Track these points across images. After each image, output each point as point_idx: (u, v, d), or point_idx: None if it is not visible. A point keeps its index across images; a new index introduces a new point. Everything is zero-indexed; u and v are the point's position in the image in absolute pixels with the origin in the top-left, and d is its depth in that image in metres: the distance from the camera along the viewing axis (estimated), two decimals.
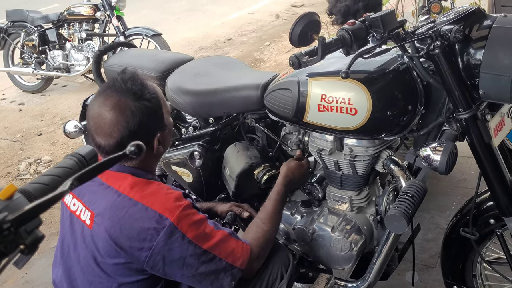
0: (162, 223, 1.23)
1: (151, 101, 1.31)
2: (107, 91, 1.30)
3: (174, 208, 1.26)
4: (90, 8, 4.88)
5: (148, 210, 1.25)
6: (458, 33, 1.31)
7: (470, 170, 2.78)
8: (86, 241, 1.30)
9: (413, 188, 1.46)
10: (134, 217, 1.24)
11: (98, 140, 1.29)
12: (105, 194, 1.29)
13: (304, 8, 7.75)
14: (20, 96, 5.32)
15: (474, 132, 1.40)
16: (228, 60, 2.20)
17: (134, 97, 1.28)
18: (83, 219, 1.32)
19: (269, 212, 1.56)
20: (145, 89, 1.32)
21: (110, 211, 1.26)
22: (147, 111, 1.29)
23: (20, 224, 0.59)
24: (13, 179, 3.61)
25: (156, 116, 1.33)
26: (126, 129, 1.26)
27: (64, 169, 0.76)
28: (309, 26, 1.29)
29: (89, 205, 1.31)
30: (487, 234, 1.59)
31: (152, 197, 1.27)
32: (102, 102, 1.29)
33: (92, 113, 1.30)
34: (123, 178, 1.30)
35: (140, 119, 1.27)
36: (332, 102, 1.52)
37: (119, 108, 1.27)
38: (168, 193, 1.30)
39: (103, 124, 1.27)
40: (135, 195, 1.27)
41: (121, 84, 1.30)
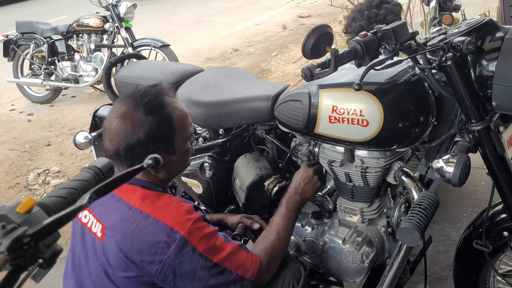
0: (173, 237, 1.23)
1: (160, 121, 1.29)
2: (126, 98, 1.32)
3: (185, 221, 1.26)
4: (99, 19, 4.92)
5: (159, 223, 1.24)
6: (470, 44, 1.31)
7: (481, 181, 2.76)
8: (97, 254, 1.30)
9: (426, 200, 1.45)
10: (145, 231, 1.24)
11: (105, 141, 1.32)
12: (116, 207, 1.29)
13: (311, 19, 7.78)
14: (29, 107, 5.36)
15: (487, 143, 1.40)
16: (237, 72, 2.21)
17: (144, 111, 1.28)
18: (94, 232, 1.32)
19: (278, 224, 1.55)
20: (160, 108, 1.30)
21: (121, 224, 1.26)
22: (150, 130, 1.27)
23: (40, 239, 0.60)
24: (22, 190, 3.63)
25: (161, 138, 1.30)
26: (123, 141, 1.27)
27: (81, 182, 0.77)
28: (321, 39, 1.29)
29: (100, 218, 1.31)
30: (501, 247, 1.57)
31: (163, 210, 1.27)
32: (117, 107, 1.31)
33: (108, 115, 1.33)
34: (133, 191, 1.30)
35: (139, 136, 1.27)
36: (343, 113, 1.52)
37: (125, 118, 1.28)
38: (179, 206, 1.29)
39: (109, 129, 1.30)
40: (146, 208, 1.27)
41: (139, 96, 1.30)
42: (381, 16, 1.92)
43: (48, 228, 0.60)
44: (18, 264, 0.58)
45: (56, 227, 0.61)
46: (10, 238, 0.57)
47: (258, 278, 1.36)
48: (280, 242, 1.50)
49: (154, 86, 1.36)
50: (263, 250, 1.43)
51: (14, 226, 0.60)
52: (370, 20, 1.94)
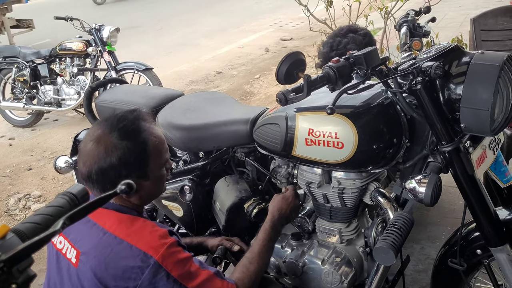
0: (146, 262, 1.22)
1: (134, 147, 1.29)
2: (102, 122, 1.34)
3: (158, 246, 1.25)
4: (82, 43, 4.94)
5: (133, 248, 1.24)
6: (438, 69, 1.36)
7: (459, 200, 2.80)
8: (72, 280, 1.29)
9: (400, 219, 1.48)
10: (119, 256, 1.24)
11: (79, 164, 1.33)
12: (91, 232, 1.29)
13: (293, 41, 7.91)
14: (10, 131, 5.32)
15: (457, 164, 1.44)
16: (217, 96, 2.25)
17: (118, 135, 1.29)
18: (69, 258, 1.31)
19: (255, 252, 1.55)
20: (136, 133, 1.31)
21: (96, 250, 1.26)
22: (123, 155, 1.27)
23: (13, 264, 0.61)
24: (2, 215, 3.58)
25: (136, 162, 1.30)
26: (96, 164, 1.27)
27: (56, 208, 0.78)
28: (294, 65, 1.34)
29: (74, 243, 1.31)
30: (475, 265, 1.61)
31: (137, 234, 1.26)
32: (93, 131, 1.33)
33: (84, 137, 1.35)
34: (108, 215, 1.30)
35: (112, 160, 1.27)
36: (319, 136, 1.55)
37: (99, 142, 1.29)
38: (153, 231, 1.29)
39: (83, 152, 1.31)
40: (120, 233, 1.26)
41: (115, 120, 1.31)
42: (342, 45, 1.99)
43: (21, 254, 0.61)
44: None
45: (30, 252, 0.62)
46: None
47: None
48: (257, 270, 1.50)
49: (132, 111, 1.37)
50: (239, 280, 1.42)
51: None
52: (332, 48, 2.01)
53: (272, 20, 9.81)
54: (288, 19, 9.67)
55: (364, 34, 1.86)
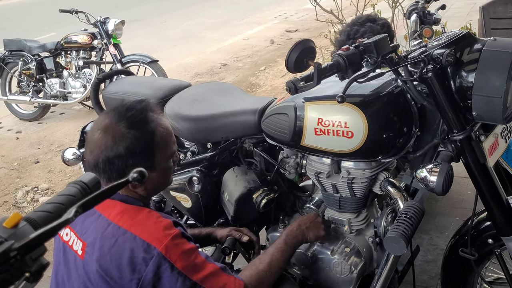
0: (150, 253, 1.20)
1: (143, 136, 1.28)
2: (110, 112, 1.32)
3: (162, 237, 1.22)
4: (87, 36, 4.94)
5: (137, 239, 1.22)
6: (449, 56, 1.35)
7: (467, 190, 2.80)
8: (79, 272, 1.28)
9: (411, 209, 1.47)
10: (123, 247, 1.22)
11: (86, 153, 1.32)
12: (96, 223, 1.28)
13: (298, 33, 7.87)
14: (17, 124, 5.34)
15: (469, 153, 1.43)
16: (224, 86, 2.24)
17: (126, 124, 1.27)
18: (75, 249, 1.30)
19: (272, 254, 1.51)
20: (143, 123, 1.29)
21: (100, 241, 1.24)
22: (131, 144, 1.26)
23: (26, 252, 0.60)
24: (10, 208, 3.59)
25: (143, 152, 1.29)
26: (103, 153, 1.26)
27: (67, 196, 0.77)
28: (304, 53, 1.32)
29: (81, 235, 1.30)
30: (486, 254, 1.60)
31: (141, 225, 1.25)
32: (101, 120, 1.31)
33: (91, 127, 1.34)
34: (113, 206, 1.28)
35: (119, 149, 1.25)
36: (328, 125, 1.54)
37: (106, 131, 1.27)
38: (157, 222, 1.26)
39: (90, 141, 1.30)
40: (124, 223, 1.25)
41: (123, 110, 1.30)
42: (359, 34, 1.96)
43: (34, 242, 0.61)
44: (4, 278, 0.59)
45: (42, 240, 0.62)
46: None
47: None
48: (269, 273, 1.45)
49: (140, 101, 1.35)
50: (248, 277, 1.39)
51: (1, 240, 0.60)
52: (349, 37, 1.98)
53: (277, 12, 9.76)
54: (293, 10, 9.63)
55: (383, 24, 1.83)
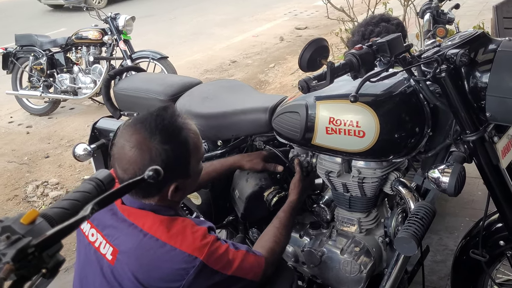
0: (192, 263, 1.23)
1: (178, 148, 1.26)
2: (137, 125, 1.26)
3: (202, 246, 1.26)
4: (98, 32, 4.96)
5: (177, 251, 1.24)
6: (464, 57, 1.34)
7: (478, 191, 2.78)
8: (107, 277, 1.28)
9: (422, 210, 1.46)
10: (162, 259, 1.23)
11: (116, 169, 1.27)
12: (129, 232, 1.27)
13: (308, 30, 7.84)
14: (28, 119, 5.37)
15: (482, 154, 1.42)
16: (235, 84, 2.24)
17: (160, 139, 1.23)
18: (103, 253, 1.30)
19: (282, 222, 1.61)
20: (175, 135, 1.27)
21: (136, 251, 1.25)
22: (168, 158, 1.24)
23: (44, 249, 0.61)
24: (20, 202, 3.63)
25: (179, 164, 1.28)
26: (140, 170, 1.22)
27: (83, 193, 0.78)
28: (317, 52, 1.31)
29: (111, 240, 1.29)
30: (497, 256, 1.59)
31: (179, 236, 1.26)
32: (129, 135, 1.25)
33: (118, 142, 1.27)
34: (145, 216, 1.28)
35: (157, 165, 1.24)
36: (340, 124, 1.54)
37: (141, 149, 1.23)
38: (195, 231, 1.28)
39: (122, 158, 1.25)
40: (161, 236, 1.25)
41: (153, 123, 1.25)
42: (374, 34, 1.95)
43: (51, 239, 0.62)
44: (22, 274, 0.60)
45: (59, 237, 0.63)
46: (14, 249, 0.58)
47: (263, 277, 1.41)
48: (284, 239, 1.58)
49: (165, 108, 1.32)
50: (268, 249, 1.48)
51: (19, 236, 0.61)
52: (364, 37, 1.97)
53: (287, 9, 9.72)
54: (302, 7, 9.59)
55: (397, 24, 1.81)
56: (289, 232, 1.64)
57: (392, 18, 1.90)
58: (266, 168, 1.84)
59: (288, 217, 1.64)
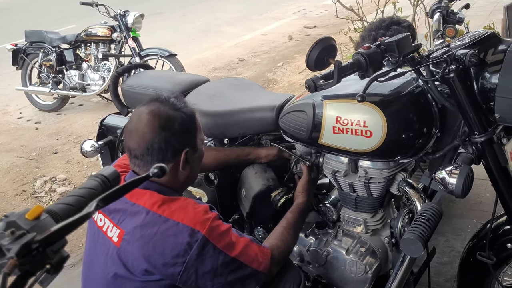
0: (195, 236, 1.26)
1: (188, 116, 1.38)
2: (150, 102, 1.38)
3: (204, 220, 1.29)
4: (107, 29, 4.98)
5: (180, 225, 1.27)
6: (473, 57, 1.32)
7: (486, 192, 2.76)
8: (113, 258, 1.31)
9: (429, 211, 1.46)
10: (166, 234, 1.26)
11: (130, 143, 1.34)
12: (133, 212, 1.31)
13: (317, 29, 7.82)
14: (37, 115, 5.41)
15: (490, 155, 1.40)
16: (243, 82, 2.24)
17: (172, 107, 1.36)
18: (110, 236, 1.33)
19: (290, 222, 1.61)
20: (185, 106, 1.39)
21: (141, 229, 1.28)
22: (183, 122, 1.35)
23: (48, 245, 0.61)
24: (28, 197, 3.65)
25: (190, 132, 1.38)
26: (158, 133, 1.30)
27: (88, 189, 0.78)
28: (325, 51, 1.31)
29: (117, 222, 1.33)
30: (505, 259, 1.57)
31: (181, 212, 1.30)
32: (143, 109, 1.36)
33: (132, 117, 1.38)
34: (149, 195, 1.32)
35: (174, 126, 1.33)
36: (347, 124, 1.53)
37: (157, 113, 1.33)
38: (196, 207, 1.32)
39: (138, 126, 1.32)
40: (164, 212, 1.29)
41: (164, 97, 1.38)
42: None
43: (56, 235, 0.62)
44: (26, 270, 0.60)
45: (64, 233, 0.63)
46: (19, 244, 0.59)
47: (270, 270, 1.40)
48: (291, 238, 1.58)
49: (172, 93, 1.44)
50: (274, 245, 1.48)
51: (23, 232, 0.61)
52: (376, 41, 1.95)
53: (296, 8, 9.71)
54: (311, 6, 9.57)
55: (408, 27, 1.80)
56: (297, 233, 1.63)
57: (402, 21, 1.89)
58: (282, 156, 1.89)
59: (297, 218, 1.64)
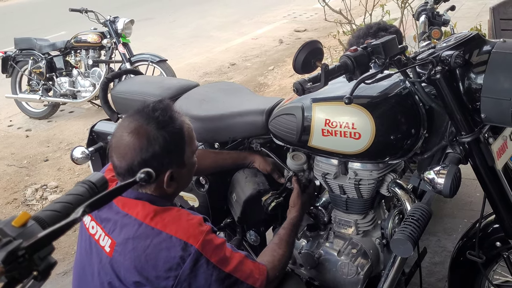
0: (187, 250, 1.24)
1: (173, 134, 1.31)
2: (135, 115, 1.32)
3: (197, 234, 1.27)
4: (97, 35, 4.97)
5: (173, 238, 1.25)
6: (458, 58, 1.34)
7: (476, 192, 2.78)
8: (105, 268, 1.29)
9: (418, 211, 1.47)
10: (159, 247, 1.24)
11: (113, 159, 1.31)
12: (125, 223, 1.29)
13: (307, 33, 7.86)
14: (27, 122, 5.38)
15: (477, 155, 1.42)
16: (232, 86, 2.24)
17: (156, 125, 1.29)
18: (102, 245, 1.31)
19: (283, 238, 1.59)
20: (171, 122, 1.32)
21: (134, 241, 1.26)
22: (165, 143, 1.28)
23: (34, 251, 0.61)
24: (19, 205, 3.63)
25: (175, 151, 1.32)
26: (138, 155, 1.26)
27: (75, 196, 0.78)
28: (312, 54, 1.32)
29: (108, 232, 1.31)
30: (494, 257, 1.59)
31: (174, 224, 1.27)
32: (126, 124, 1.31)
33: (116, 132, 1.33)
34: (141, 206, 1.30)
35: (155, 150, 1.27)
36: (336, 126, 1.54)
37: (138, 133, 1.27)
38: (190, 219, 1.30)
39: (120, 145, 1.29)
40: (157, 224, 1.27)
41: (149, 111, 1.31)
42: None
43: (42, 241, 0.62)
44: (13, 277, 0.60)
45: (51, 240, 0.63)
46: (5, 251, 0.58)
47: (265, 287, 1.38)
48: (285, 255, 1.55)
49: (161, 101, 1.38)
50: (269, 262, 1.46)
51: (9, 239, 0.61)
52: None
53: (286, 11, 9.76)
54: (302, 10, 9.62)
55: (395, 32, 1.81)
56: (291, 248, 1.61)
57: (389, 26, 1.90)
58: (273, 174, 1.88)
59: (289, 233, 1.63)
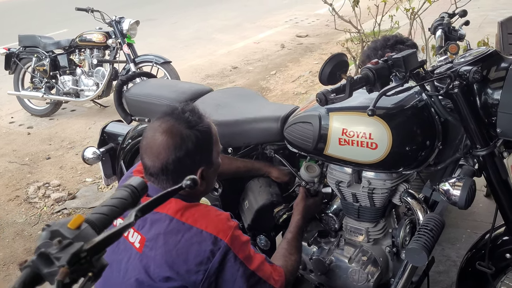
0: (217, 244, 1.28)
1: (203, 133, 1.38)
2: (165, 117, 1.38)
3: (227, 229, 1.31)
4: (102, 35, 4.98)
5: (203, 233, 1.29)
6: (476, 74, 1.37)
7: (479, 203, 2.82)
8: (134, 264, 1.32)
9: (432, 221, 1.50)
10: (190, 241, 1.28)
11: (146, 160, 1.35)
12: (155, 219, 1.32)
13: (309, 38, 7.90)
14: (29, 120, 5.38)
15: (491, 168, 1.45)
16: (247, 92, 2.27)
17: (187, 125, 1.35)
18: (131, 241, 1.34)
19: (292, 243, 1.64)
20: (200, 121, 1.39)
21: (165, 236, 1.29)
22: (197, 141, 1.35)
23: (95, 254, 0.64)
24: (22, 203, 3.63)
25: (205, 149, 1.39)
26: (173, 153, 1.32)
27: (120, 200, 0.81)
28: (337, 66, 1.35)
29: (138, 228, 1.34)
30: (503, 268, 1.62)
31: (204, 219, 1.32)
32: (158, 125, 1.36)
33: (147, 134, 1.38)
34: (169, 202, 1.32)
35: (188, 147, 1.33)
36: (353, 136, 1.57)
37: (171, 132, 1.33)
38: (218, 215, 1.35)
39: (153, 145, 1.34)
40: (188, 219, 1.31)
41: (179, 112, 1.38)
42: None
43: (101, 244, 0.64)
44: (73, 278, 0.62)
45: (108, 243, 0.65)
46: (68, 253, 0.61)
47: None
48: (297, 259, 1.60)
49: (188, 104, 1.45)
50: (284, 267, 1.49)
51: (70, 241, 0.64)
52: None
53: (288, 16, 9.81)
54: (303, 15, 9.68)
55: (412, 45, 1.86)
56: (299, 251, 1.66)
57: (405, 39, 1.93)
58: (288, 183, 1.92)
59: (296, 236, 1.68)
